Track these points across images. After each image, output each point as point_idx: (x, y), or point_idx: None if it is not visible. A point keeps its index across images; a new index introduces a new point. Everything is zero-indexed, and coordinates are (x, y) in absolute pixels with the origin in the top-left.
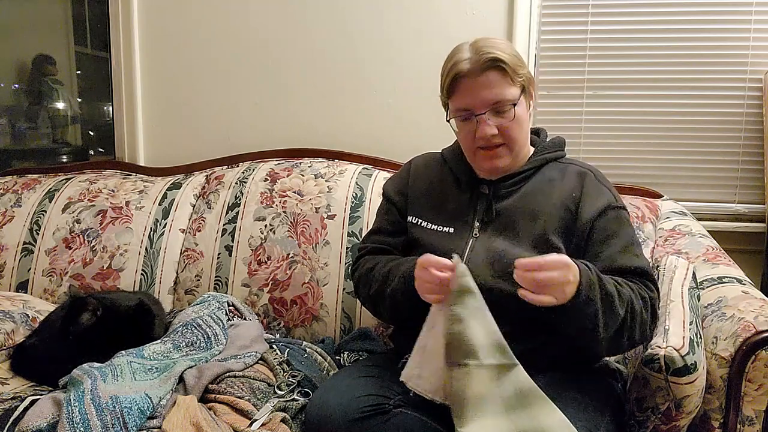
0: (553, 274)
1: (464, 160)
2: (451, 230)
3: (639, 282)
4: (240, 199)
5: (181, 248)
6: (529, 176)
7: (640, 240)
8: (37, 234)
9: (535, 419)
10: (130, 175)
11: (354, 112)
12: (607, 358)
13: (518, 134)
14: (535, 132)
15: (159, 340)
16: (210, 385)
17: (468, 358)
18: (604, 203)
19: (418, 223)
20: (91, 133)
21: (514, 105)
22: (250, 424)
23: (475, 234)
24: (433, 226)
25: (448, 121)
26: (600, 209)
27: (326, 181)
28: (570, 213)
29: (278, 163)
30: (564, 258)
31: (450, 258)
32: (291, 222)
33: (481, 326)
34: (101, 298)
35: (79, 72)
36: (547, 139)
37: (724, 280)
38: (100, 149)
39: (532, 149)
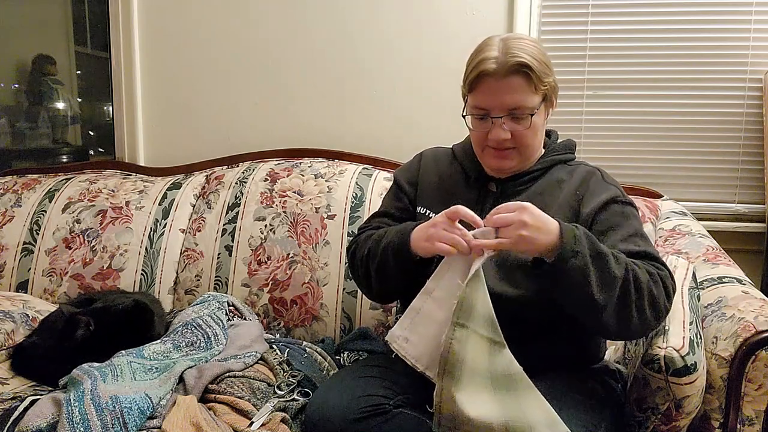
0: (507, 215)
1: (475, 157)
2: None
3: (647, 262)
4: (240, 199)
5: (181, 248)
6: (537, 177)
7: None
8: (37, 234)
9: (522, 409)
10: (130, 175)
11: (354, 112)
12: (607, 358)
13: (531, 141)
14: (547, 134)
15: (159, 340)
16: (210, 385)
17: (469, 321)
18: (607, 197)
19: (427, 214)
20: (91, 133)
21: (532, 114)
22: (250, 424)
23: None
24: None
25: (464, 116)
26: (603, 202)
27: (326, 181)
28: (573, 210)
29: (278, 163)
30: (520, 203)
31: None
32: (291, 222)
33: (483, 297)
34: (93, 309)
35: (79, 72)
36: (558, 141)
37: (724, 280)
38: (100, 149)
39: (542, 150)
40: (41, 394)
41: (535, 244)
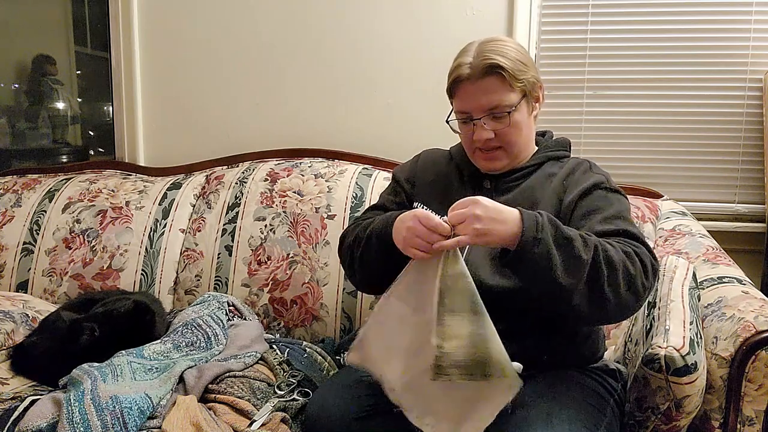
0: (460, 211)
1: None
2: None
3: (623, 241)
4: (240, 199)
5: (181, 248)
6: (530, 173)
7: None
8: (37, 234)
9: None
10: (130, 175)
11: (354, 112)
12: (607, 358)
13: (516, 138)
14: (542, 134)
15: (159, 340)
16: (210, 385)
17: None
18: (591, 183)
19: (423, 209)
20: (91, 133)
21: (510, 112)
22: (250, 424)
23: None
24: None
25: (447, 121)
26: (585, 188)
27: (326, 181)
28: (558, 199)
29: (278, 163)
30: (473, 198)
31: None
32: (291, 222)
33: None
34: (95, 314)
35: (79, 72)
36: (553, 139)
37: (724, 280)
38: (100, 149)
39: (536, 148)
40: (41, 394)
41: (494, 235)
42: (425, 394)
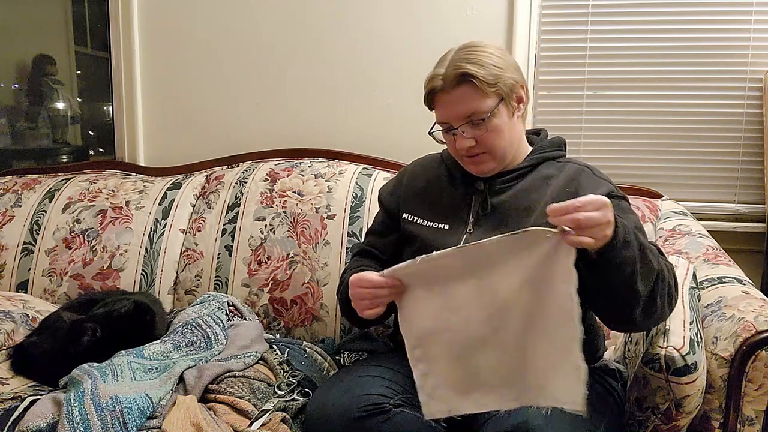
0: (593, 215)
1: None
2: (446, 226)
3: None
4: (240, 199)
5: (181, 248)
6: (524, 174)
7: None
8: (37, 234)
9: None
10: (130, 175)
11: (354, 112)
12: (607, 358)
13: (498, 142)
14: (536, 132)
15: (159, 340)
16: (210, 385)
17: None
18: (603, 192)
19: (413, 220)
20: (91, 133)
21: (485, 118)
22: (250, 424)
23: (469, 229)
24: (429, 223)
25: (430, 133)
26: None
27: (326, 181)
28: None
29: (278, 163)
30: (602, 198)
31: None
32: (291, 222)
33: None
34: (95, 315)
35: (79, 72)
36: (547, 139)
37: (724, 280)
38: (100, 149)
39: (530, 148)
40: (41, 394)
41: (605, 238)
42: (473, 365)
